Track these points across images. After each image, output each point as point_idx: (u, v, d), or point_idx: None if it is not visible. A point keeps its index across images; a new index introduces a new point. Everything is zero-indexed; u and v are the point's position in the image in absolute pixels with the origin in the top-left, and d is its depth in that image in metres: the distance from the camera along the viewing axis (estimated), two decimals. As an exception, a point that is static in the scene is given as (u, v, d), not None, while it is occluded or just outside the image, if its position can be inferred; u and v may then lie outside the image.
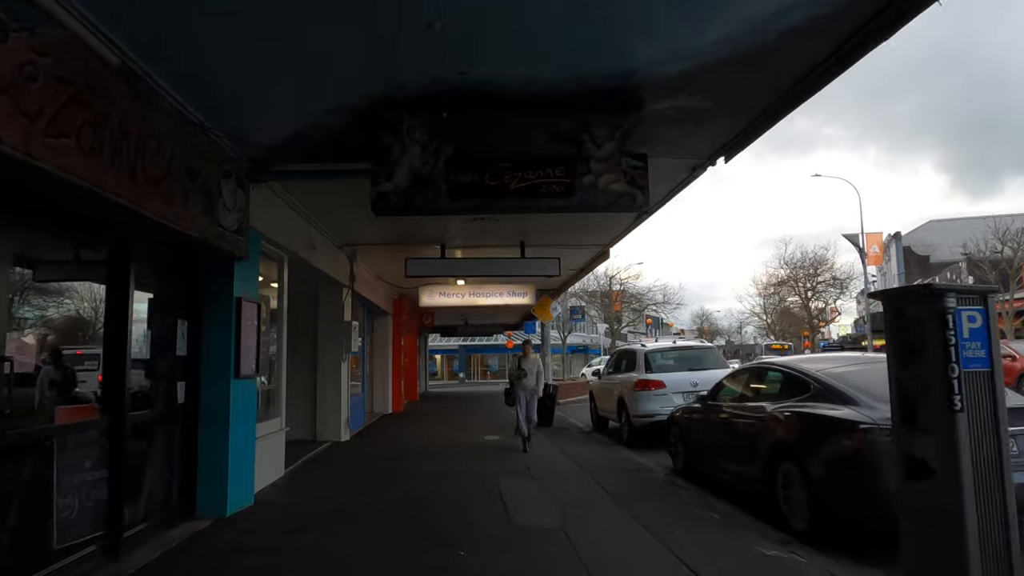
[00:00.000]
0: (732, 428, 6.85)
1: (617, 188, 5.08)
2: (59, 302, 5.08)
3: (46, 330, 4.94)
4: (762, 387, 6.79)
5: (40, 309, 4.90)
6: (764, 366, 6.89)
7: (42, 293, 4.88)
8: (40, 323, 4.91)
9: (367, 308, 15.12)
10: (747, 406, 6.65)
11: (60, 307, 5.13)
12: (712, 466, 7.40)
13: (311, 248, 8.79)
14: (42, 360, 4.70)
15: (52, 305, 5.02)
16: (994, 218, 48.84)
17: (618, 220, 9.50)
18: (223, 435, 6.01)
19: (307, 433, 11.24)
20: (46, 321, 4.97)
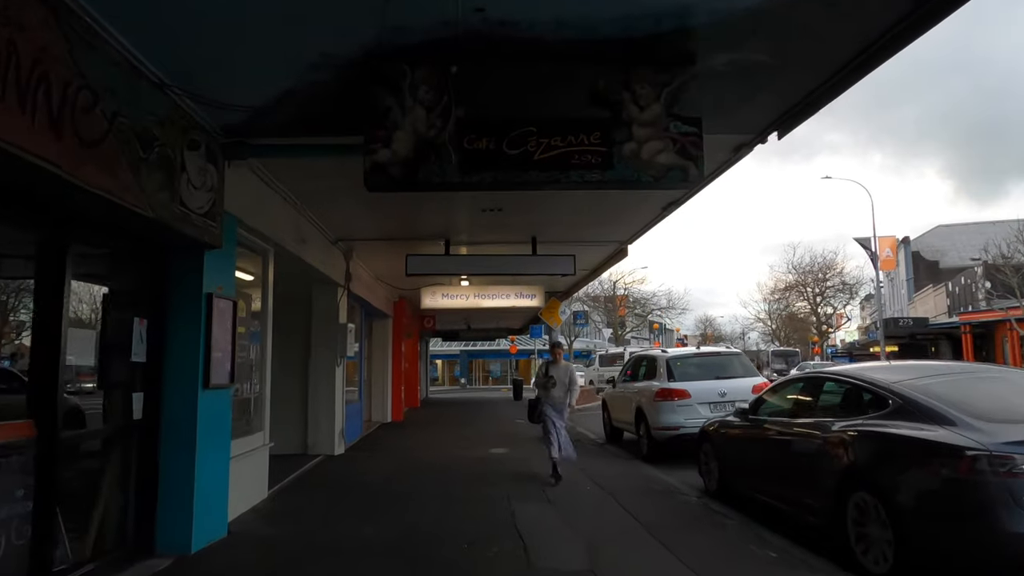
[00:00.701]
0: (782, 448, 5.91)
1: (665, 159, 4.16)
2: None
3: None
4: (820, 400, 5.85)
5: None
6: (823, 376, 5.95)
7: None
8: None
9: (365, 310, 14.18)
10: (802, 423, 5.70)
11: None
12: (754, 489, 6.46)
13: (300, 241, 7.86)
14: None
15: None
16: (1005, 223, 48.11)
17: (640, 213, 8.59)
18: (188, 455, 5.07)
19: (297, 446, 10.29)
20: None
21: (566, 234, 9.78)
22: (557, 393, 8.40)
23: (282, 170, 6.39)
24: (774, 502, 6.07)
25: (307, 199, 7.48)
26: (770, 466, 6.11)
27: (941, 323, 35.70)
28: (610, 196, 7.62)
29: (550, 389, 8.42)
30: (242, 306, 6.36)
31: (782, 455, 5.89)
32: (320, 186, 7.07)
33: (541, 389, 8.60)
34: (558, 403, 8.40)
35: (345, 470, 9.22)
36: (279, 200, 7.03)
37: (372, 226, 9.22)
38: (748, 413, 6.73)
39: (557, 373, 8.45)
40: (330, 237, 9.53)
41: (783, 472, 5.87)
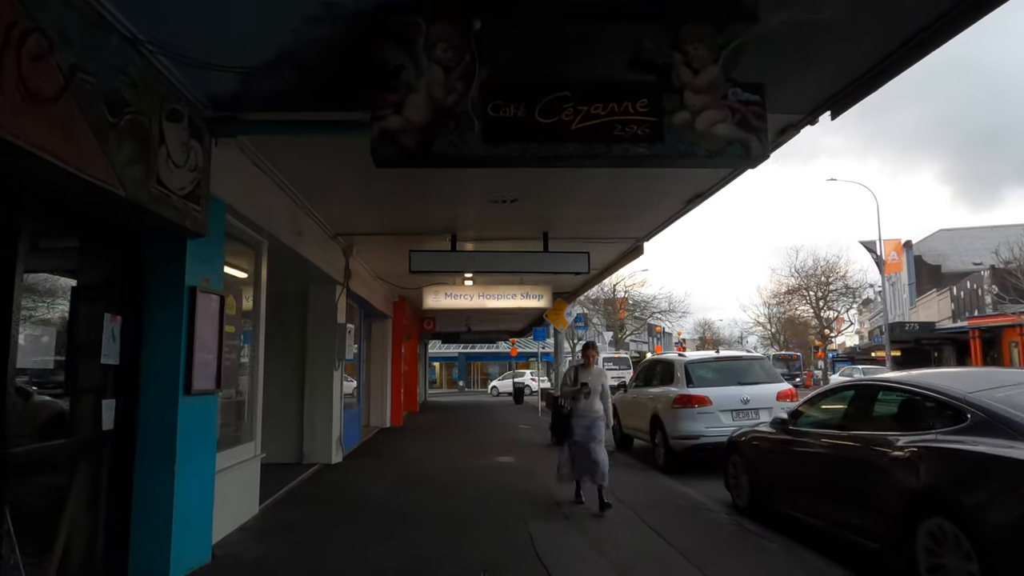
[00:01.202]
0: (831, 463, 5.31)
1: (723, 131, 3.56)
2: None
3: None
4: (875, 411, 5.25)
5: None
6: (877, 384, 5.35)
7: None
8: None
9: (364, 310, 13.56)
10: (856, 436, 5.09)
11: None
12: (794, 507, 5.85)
13: (297, 234, 7.24)
14: None
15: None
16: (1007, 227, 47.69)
17: (662, 206, 7.99)
18: (167, 470, 4.45)
19: (292, 455, 9.66)
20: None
21: (580, 230, 9.18)
22: (592, 405, 6.95)
23: (277, 152, 5.77)
24: (818, 522, 5.47)
25: (305, 187, 6.86)
26: (815, 483, 5.51)
27: (948, 328, 35.18)
28: (631, 187, 7.05)
29: (582, 399, 6.94)
30: (232, 303, 5.75)
31: (831, 472, 5.29)
32: (319, 173, 6.46)
33: (570, 399, 7.08)
34: (593, 417, 6.94)
35: (344, 481, 8.58)
36: (274, 187, 6.42)
37: (374, 220, 8.61)
38: (788, 424, 6.12)
39: (590, 379, 6.97)
40: (329, 231, 8.91)
41: (832, 491, 5.27)
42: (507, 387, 38.22)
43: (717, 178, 6.76)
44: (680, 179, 6.76)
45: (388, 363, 16.37)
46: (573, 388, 7.08)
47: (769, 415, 9.28)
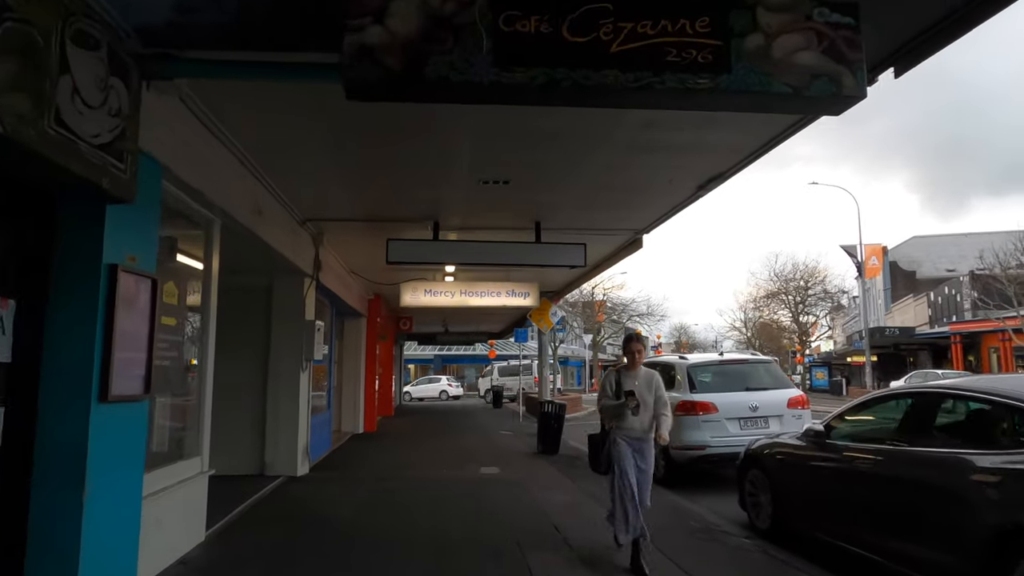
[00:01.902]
0: (887, 485, 4.50)
1: (808, 60, 2.73)
2: None
3: None
4: (938, 423, 4.46)
5: None
6: (945, 391, 4.56)
7: None
8: None
9: (336, 307, 12.55)
10: (920, 454, 4.30)
11: None
12: (835, 534, 5.04)
13: (256, 212, 6.26)
14: None
15: None
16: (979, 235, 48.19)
17: (671, 191, 7.16)
18: (73, 498, 3.46)
19: (252, 466, 8.63)
20: None
21: (575, 220, 8.33)
22: (641, 421, 5.02)
23: (227, 105, 4.79)
24: (869, 554, 4.66)
25: (263, 153, 5.88)
26: (864, 508, 4.69)
27: (928, 333, 35.11)
28: (640, 165, 6.22)
29: (628, 415, 4.97)
30: (172, 290, 4.77)
31: (886, 495, 4.48)
32: (282, 138, 5.49)
33: (611, 416, 5.15)
34: (641, 438, 5.07)
35: (309, 498, 7.58)
36: (226, 154, 5.44)
37: (347, 202, 7.65)
38: (823, 436, 5.32)
39: (637, 385, 5.04)
40: (297, 216, 7.92)
41: (888, 518, 4.46)
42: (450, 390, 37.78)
43: (745, 152, 5.94)
44: (699, 156, 5.94)
45: (362, 364, 15.34)
46: (615, 402, 5.05)
47: (779, 424, 8.54)
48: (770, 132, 5.30)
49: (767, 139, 5.41)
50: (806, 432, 5.56)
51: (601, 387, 5.31)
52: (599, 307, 54.74)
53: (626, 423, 5.04)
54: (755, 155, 5.88)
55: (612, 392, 5.15)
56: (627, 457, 5.02)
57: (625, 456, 5.02)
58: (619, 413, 5.05)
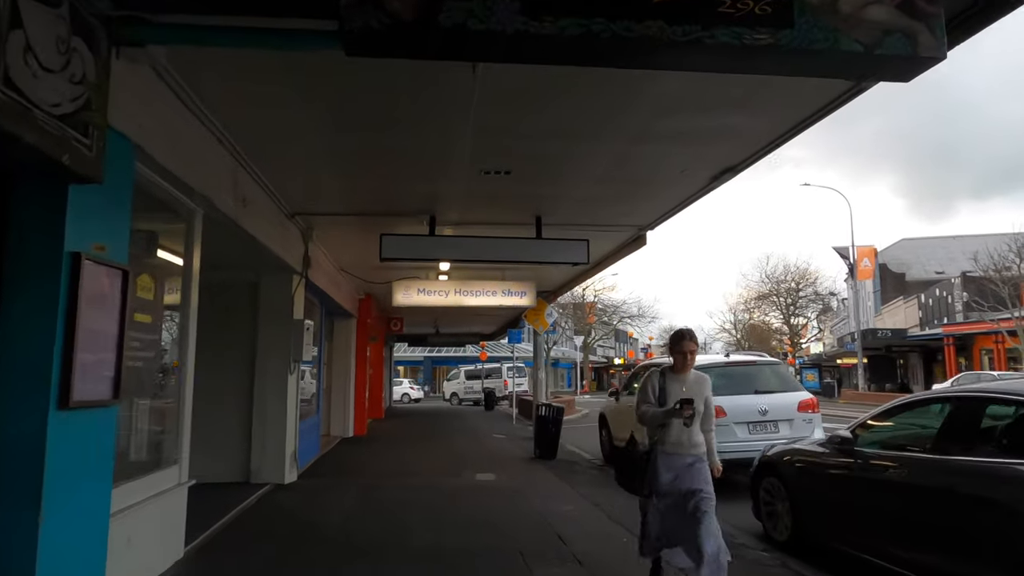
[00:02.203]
0: (929, 497, 4.14)
1: (878, 16, 2.36)
2: None
3: None
4: (983, 430, 4.12)
5: None
6: (989, 395, 4.21)
7: None
8: None
9: (326, 307, 12.11)
10: (962, 463, 3.95)
11: None
12: (867, 549, 4.69)
13: (240, 203, 5.83)
14: None
15: None
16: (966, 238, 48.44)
17: (682, 183, 6.81)
18: (28, 517, 3.04)
19: (237, 473, 8.19)
20: None
21: (578, 214, 7.96)
22: (692, 436, 4.17)
23: (207, 81, 4.37)
24: (898, 568, 4.32)
25: (249, 140, 5.46)
26: (903, 522, 4.34)
27: (920, 335, 35.08)
28: (652, 154, 5.85)
29: (676, 427, 4.12)
30: (147, 284, 4.34)
31: (929, 509, 4.13)
32: (266, 118, 5.08)
33: (654, 427, 4.24)
34: (693, 456, 4.16)
35: (298, 507, 7.15)
36: (208, 137, 5.02)
37: (339, 195, 7.24)
38: (850, 443, 4.97)
39: (686, 390, 4.18)
40: (285, 209, 7.49)
41: (923, 532, 4.13)
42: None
43: (760, 144, 5.60)
44: (719, 143, 5.59)
45: (352, 366, 14.89)
46: (664, 410, 4.13)
47: (789, 428, 8.20)
48: (797, 116, 4.96)
49: (793, 123, 5.07)
50: (831, 439, 5.20)
51: (641, 391, 4.34)
52: (590, 309, 54.52)
53: (672, 436, 4.11)
54: (777, 142, 5.54)
55: (657, 397, 4.23)
56: (668, 476, 4.10)
57: (666, 476, 4.10)
58: (663, 419, 4.13)
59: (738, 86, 4.43)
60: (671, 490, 4.13)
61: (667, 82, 4.37)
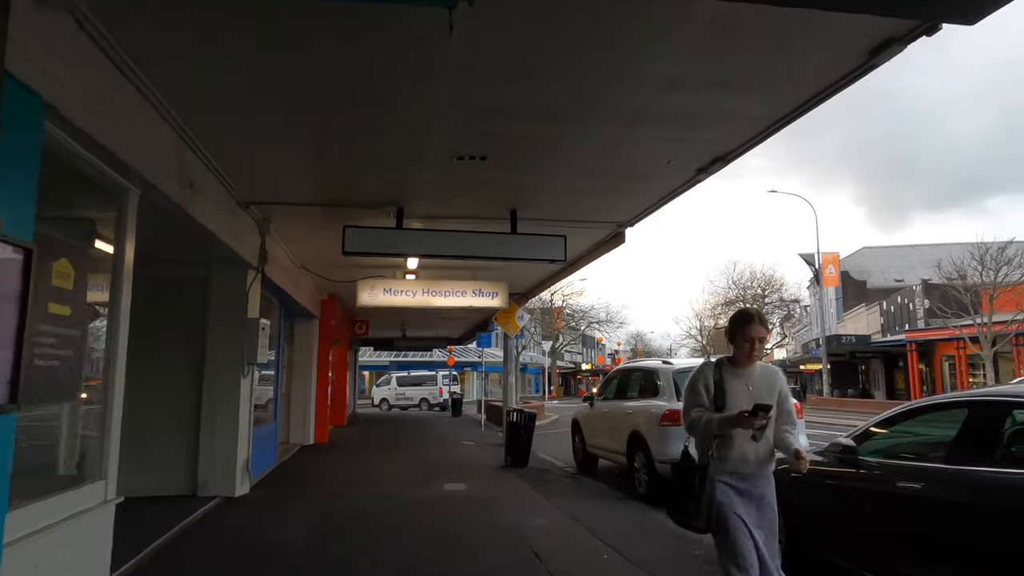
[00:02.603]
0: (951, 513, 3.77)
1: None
2: None
3: None
4: (1009, 439, 3.76)
5: None
6: (1012, 399, 3.86)
7: None
8: None
9: (285, 307, 11.45)
10: (986, 475, 3.59)
11: None
12: (873, 567, 4.31)
13: (186, 186, 5.23)
14: None
15: None
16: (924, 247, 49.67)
17: (668, 176, 6.43)
18: None
19: (182, 485, 7.50)
20: None
21: (554, 209, 7.52)
22: (757, 450, 3.21)
23: (145, 44, 3.80)
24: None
25: (196, 116, 4.87)
26: (905, 535, 3.98)
27: (883, 341, 35.62)
28: (643, 139, 5.43)
29: (740, 439, 3.18)
30: (66, 270, 3.72)
31: (935, 522, 3.77)
32: (215, 93, 4.50)
33: (708, 439, 3.24)
34: (757, 473, 3.23)
35: (249, 523, 6.51)
36: (148, 109, 4.42)
37: (298, 182, 6.67)
38: (854, 452, 4.59)
39: (752, 392, 3.24)
40: (239, 197, 6.88)
41: (936, 547, 3.76)
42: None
43: (754, 131, 5.23)
44: (712, 129, 5.20)
45: (313, 370, 14.20)
46: (723, 417, 3.16)
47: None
48: (798, 98, 4.59)
49: (794, 106, 4.69)
50: (831, 447, 4.82)
51: (690, 390, 3.32)
52: (558, 313, 54.28)
53: (734, 451, 3.13)
54: (771, 129, 5.17)
55: (709, 399, 3.22)
56: (739, 505, 3.12)
57: (736, 504, 3.12)
58: (718, 429, 3.13)
59: (744, 62, 4.04)
60: (743, 516, 3.14)
61: (669, 55, 3.96)
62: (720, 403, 3.22)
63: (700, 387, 3.31)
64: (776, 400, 3.23)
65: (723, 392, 3.23)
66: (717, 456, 3.17)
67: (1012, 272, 24.72)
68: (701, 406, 3.26)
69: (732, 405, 3.18)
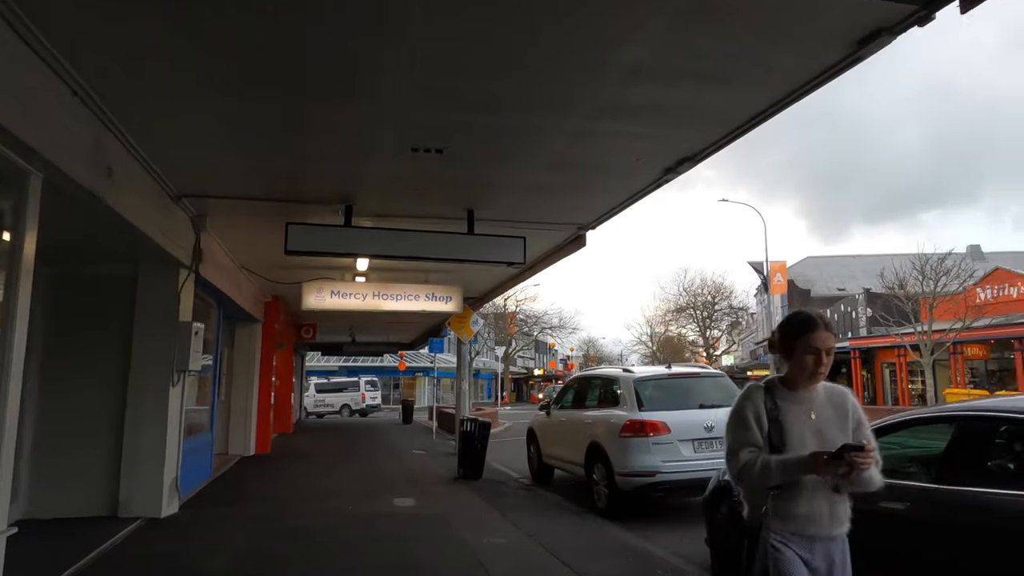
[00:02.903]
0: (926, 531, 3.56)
1: None
2: None
3: None
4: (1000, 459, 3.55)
5: None
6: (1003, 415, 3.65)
7: None
8: None
9: (224, 310, 10.73)
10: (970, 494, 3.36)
11: None
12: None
13: (103, 173, 4.63)
14: None
15: None
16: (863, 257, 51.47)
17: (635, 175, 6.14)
18: None
19: (101, 505, 6.80)
20: None
21: (514, 209, 7.17)
22: (833, 504, 2.32)
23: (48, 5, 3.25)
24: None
25: (115, 93, 4.31)
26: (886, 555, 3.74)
27: (828, 348, 36.46)
28: (605, 139, 5.18)
29: (806, 491, 2.29)
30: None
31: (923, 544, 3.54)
32: (135, 66, 3.95)
33: (763, 490, 2.33)
34: (830, 536, 2.32)
35: (174, 551, 5.88)
36: (52, 80, 3.85)
37: (237, 174, 6.10)
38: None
39: (816, 422, 2.37)
40: (170, 189, 6.28)
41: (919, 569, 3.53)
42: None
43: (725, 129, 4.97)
44: (683, 126, 4.92)
45: (255, 376, 13.43)
46: (794, 459, 2.26)
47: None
48: (776, 93, 4.33)
49: (770, 102, 4.44)
50: (807, 462, 4.56)
51: (736, 424, 2.41)
52: (511, 319, 53.99)
53: (801, 507, 2.28)
54: (743, 128, 4.91)
55: (763, 435, 2.36)
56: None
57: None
58: (789, 483, 2.28)
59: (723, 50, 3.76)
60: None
61: (642, 40, 3.64)
62: (776, 440, 2.33)
63: (749, 419, 2.37)
64: (848, 429, 2.37)
65: (779, 425, 2.34)
66: (775, 514, 2.29)
67: (950, 282, 25.59)
68: (753, 445, 2.34)
69: (794, 442, 2.30)
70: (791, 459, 2.26)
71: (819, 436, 2.32)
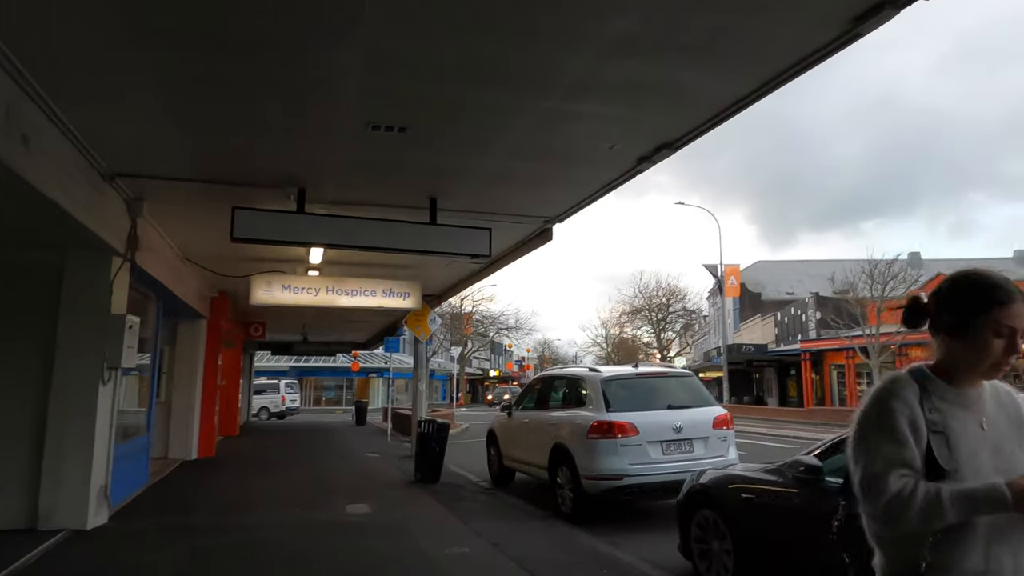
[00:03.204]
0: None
1: None
2: None
3: None
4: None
5: None
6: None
7: None
8: None
9: (165, 304, 10.01)
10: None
11: None
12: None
13: (13, 138, 4.07)
14: None
15: None
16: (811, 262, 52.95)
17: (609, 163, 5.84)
18: None
19: (18, 516, 6.13)
20: None
21: (480, 199, 6.80)
22: (1016, 551, 1.46)
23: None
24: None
25: (34, 53, 3.76)
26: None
27: (779, 350, 37.25)
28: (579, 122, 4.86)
29: (989, 534, 1.45)
30: None
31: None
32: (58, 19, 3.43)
33: (932, 528, 1.44)
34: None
35: (100, 569, 5.28)
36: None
37: (177, 151, 5.53)
38: (820, 472, 4.11)
39: (996, 430, 1.55)
40: (100, 166, 5.68)
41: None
42: None
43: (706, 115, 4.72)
44: (662, 109, 4.63)
45: (199, 376, 12.66)
46: (979, 491, 1.42)
47: (704, 447, 7.44)
48: (765, 73, 4.08)
49: (758, 83, 4.19)
50: (792, 465, 4.33)
51: (878, 430, 1.52)
52: (467, 319, 53.49)
53: (972, 560, 1.46)
54: (726, 113, 4.66)
55: (920, 451, 1.50)
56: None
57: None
58: (961, 524, 1.45)
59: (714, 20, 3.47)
60: None
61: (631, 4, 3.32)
62: (944, 460, 1.51)
63: (903, 427, 1.53)
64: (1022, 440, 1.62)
65: (943, 438, 1.53)
66: (939, 566, 1.48)
67: (897, 287, 26.33)
68: (907, 466, 1.50)
69: (969, 463, 1.52)
70: (977, 491, 1.44)
71: (996, 455, 1.55)
